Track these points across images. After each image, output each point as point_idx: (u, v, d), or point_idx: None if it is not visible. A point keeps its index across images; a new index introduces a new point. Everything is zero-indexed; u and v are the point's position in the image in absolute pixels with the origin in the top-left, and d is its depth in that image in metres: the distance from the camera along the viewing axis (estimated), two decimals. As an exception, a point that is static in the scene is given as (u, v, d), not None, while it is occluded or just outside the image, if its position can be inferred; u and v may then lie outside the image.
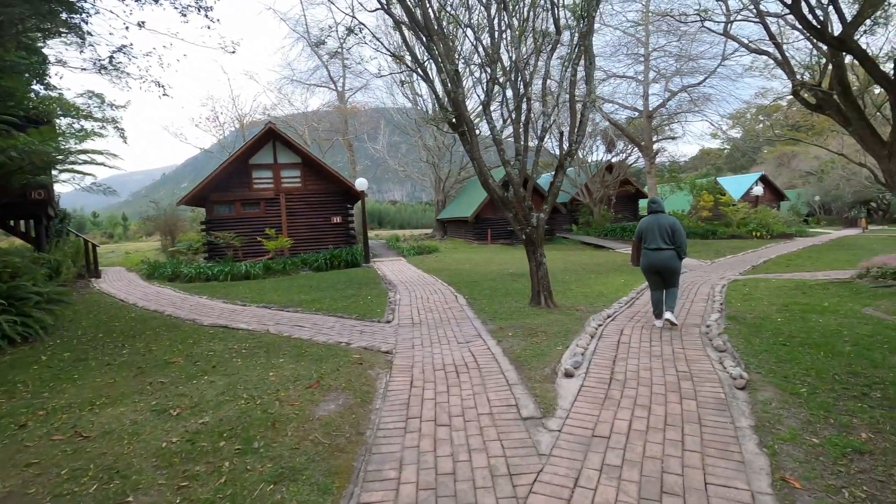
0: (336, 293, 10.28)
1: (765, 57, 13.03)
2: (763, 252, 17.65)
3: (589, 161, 29.00)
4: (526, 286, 9.72)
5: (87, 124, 12.78)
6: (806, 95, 11.09)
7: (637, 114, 20.90)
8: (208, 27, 7.06)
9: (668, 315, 5.88)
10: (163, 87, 7.69)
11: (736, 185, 35.88)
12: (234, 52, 7.49)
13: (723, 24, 12.33)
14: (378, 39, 8.59)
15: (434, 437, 3.29)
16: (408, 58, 7.94)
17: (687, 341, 5.38)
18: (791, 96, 24.82)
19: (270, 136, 17.31)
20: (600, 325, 6.18)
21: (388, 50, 8.30)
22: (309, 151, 18.06)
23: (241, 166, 17.21)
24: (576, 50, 7.13)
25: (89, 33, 6.92)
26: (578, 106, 7.28)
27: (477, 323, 6.79)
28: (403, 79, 8.54)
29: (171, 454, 3.09)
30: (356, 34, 8.04)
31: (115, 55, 7.35)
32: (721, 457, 2.90)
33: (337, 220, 18.03)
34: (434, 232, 32.56)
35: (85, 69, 7.47)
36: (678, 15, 12.09)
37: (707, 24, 12.71)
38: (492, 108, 7.84)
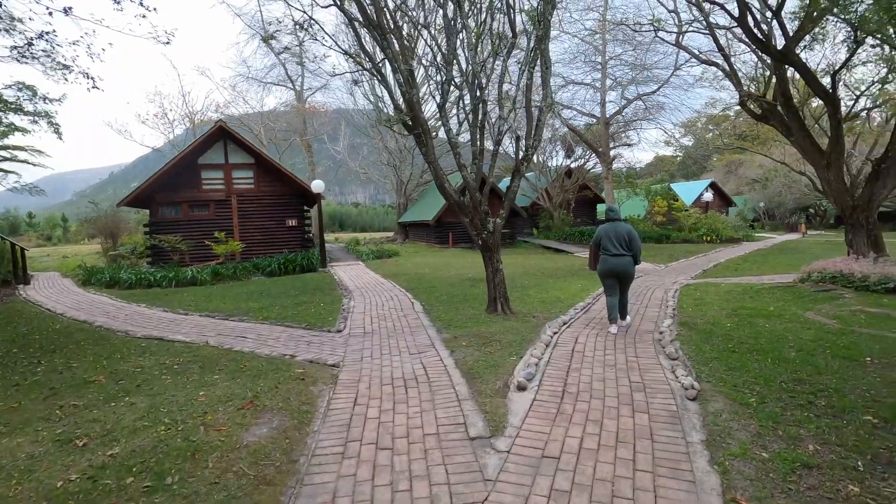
0: (288, 300, 9.82)
1: (714, 68, 13.49)
2: (713, 256, 18.28)
3: (549, 166, 29.41)
4: (485, 292, 9.58)
5: (17, 118, 11.76)
6: (752, 106, 11.51)
7: (595, 120, 21.32)
8: (143, 16, 6.53)
9: (622, 323, 6.38)
10: (92, 78, 7.06)
11: (688, 191, 37.34)
12: (168, 43, 6.97)
13: (675, 35, 12.67)
14: (332, 37, 8.24)
15: (374, 464, 3.03)
16: (363, 57, 7.65)
17: (640, 349, 5.33)
18: (738, 107, 26.03)
19: (221, 135, 16.53)
20: (556, 333, 6.08)
21: (340, 48, 7.98)
22: (263, 151, 17.38)
23: (189, 166, 16.34)
24: (532, 54, 7.05)
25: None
26: (535, 110, 7.19)
27: (431, 331, 6.56)
28: (357, 78, 8.22)
29: (65, 496, 2.69)
30: (307, 30, 7.68)
31: (35, 42, 6.67)
32: (672, 476, 2.78)
33: (292, 222, 17.41)
34: (395, 235, 32.16)
35: (1, 58, 6.75)
36: (633, 24, 12.34)
37: (661, 34, 13.04)
38: (448, 110, 7.65)
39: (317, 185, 14.91)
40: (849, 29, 7.96)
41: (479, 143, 7.27)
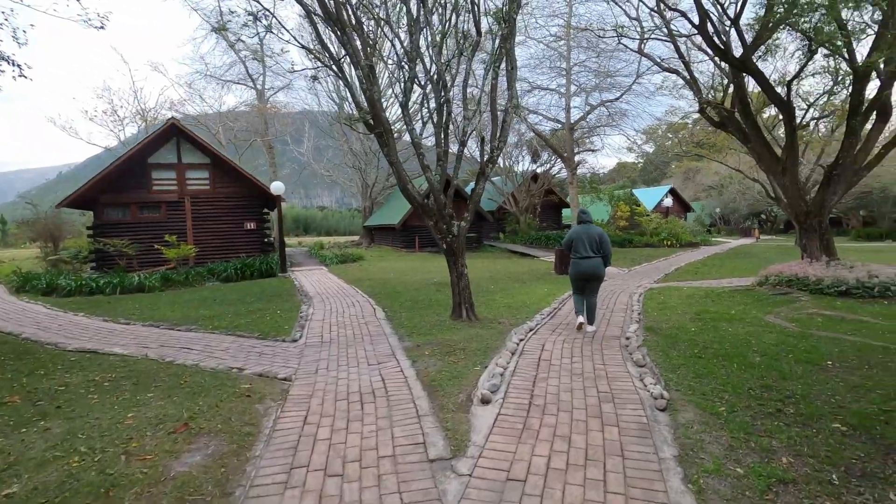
0: (242, 307, 9.27)
1: (675, 77, 13.75)
2: (674, 260, 18.69)
3: (515, 171, 29.58)
4: (450, 297, 9.34)
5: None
6: (711, 113, 11.76)
7: (560, 126, 21.54)
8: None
9: (589, 329, 6.35)
10: (19, 66, 6.37)
11: (649, 197, 38.37)
12: (101, 27, 6.39)
13: (637, 43, 12.85)
14: (290, 31, 7.84)
15: (320, 494, 2.69)
16: (322, 52, 7.29)
17: (608, 356, 5.19)
18: (697, 114, 26.84)
19: (174, 133, 15.69)
20: (522, 340, 5.88)
21: (298, 42, 7.58)
22: (219, 151, 16.60)
23: (138, 165, 15.41)
24: (497, 53, 6.87)
25: None
26: (501, 112, 7.01)
27: (393, 340, 6.24)
28: (316, 74, 7.83)
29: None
30: (261, 21, 7.25)
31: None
32: (645, 498, 2.57)
33: (251, 225, 16.70)
34: (361, 239, 31.57)
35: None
36: (597, 30, 12.43)
37: (624, 41, 13.20)
38: (412, 110, 7.39)
39: (276, 187, 14.32)
40: (803, 39, 8.17)
41: (443, 144, 7.02)
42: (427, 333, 6.49)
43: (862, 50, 8.60)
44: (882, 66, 8.18)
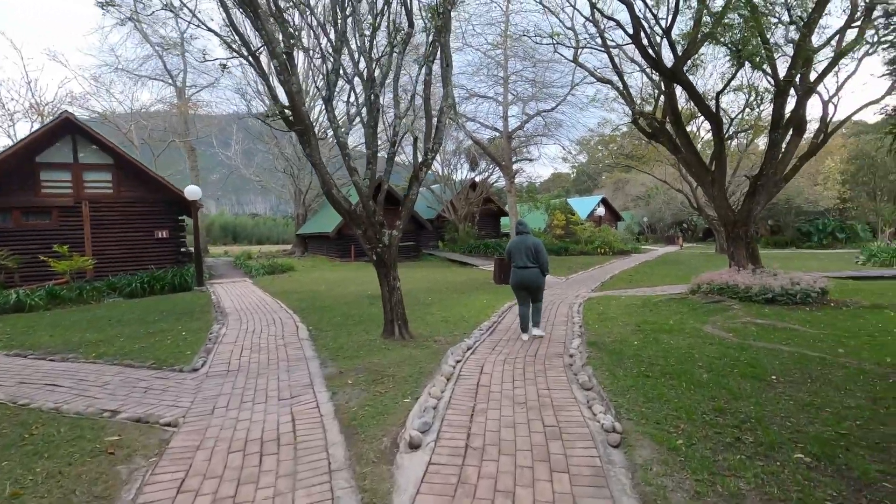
0: (142, 328, 8.03)
1: (606, 89, 13.94)
2: (608, 268, 19.07)
3: (454, 179, 29.37)
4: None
5: None
6: (643, 124, 11.93)
7: (498, 134, 21.52)
8: None
9: (535, 331, 6.48)
10: None
11: (582, 206, 39.66)
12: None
13: (573, 52, 12.88)
14: (194, 13, 6.87)
15: None
16: (235, 39, 6.40)
17: (552, 377, 4.73)
18: (627, 128, 27.93)
19: (69, 129, 13.80)
20: (459, 362, 5.30)
21: (205, 25, 6.64)
22: (124, 151, 14.83)
23: (23, 164, 13.37)
24: (430, 48, 6.33)
25: None
26: (435, 112, 6.46)
27: (314, 365, 5.45)
28: (226, 63, 6.89)
29: None
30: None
31: None
32: (609, 580, 2.04)
33: (162, 234, 15.04)
34: (294, 248, 29.93)
35: None
36: (534, 36, 12.33)
37: (560, 50, 13.21)
38: (344, 117, 6.67)
39: (191, 192, 12.92)
40: (730, 54, 8.35)
41: (372, 145, 6.36)
42: (354, 356, 5.75)
43: (783, 68, 8.95)
44: (798, 81, 8.53)
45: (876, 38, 8.01)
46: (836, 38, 8.56)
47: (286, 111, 5.96)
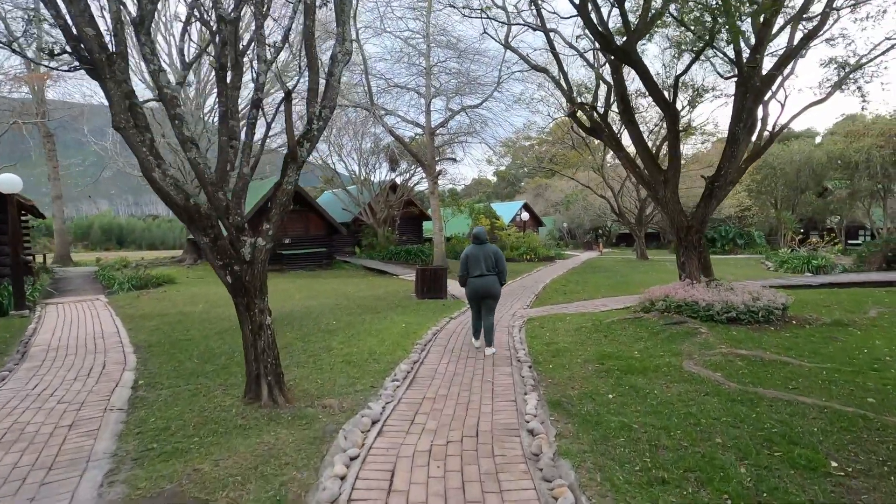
0: None
1: (532, 89, 12.54)
2: (537, 276, 17.86)
3: (372, 179, 27.04)
4: (279, 337, 6.34)
5: None
6: (582, 118, 10.60)
7: (420, 131, 19.66)
8: None
9: (488, 351, 6.05)
10: None
11: (505, 211, 38.98)
12: None
13: (505, 33, 11.30)
14: None
15: None
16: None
17: (508, 483, 2.80)
18: (550, 133, 27.38)
19: None
20: (356, 458, 3.20)
21: None
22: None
23: None
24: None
25: None
26: (325, 60, 4.32)
27: (92, 478, 3.07)
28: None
29: None
30: None
31: None
32: None
33: (-27, 239, 11.22)
34: (184, 255, 25.77)
35: None
36: (462, 7, 10.55)
37: (490, 33, 11.56)
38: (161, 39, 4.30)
39: (7, 182, 9.51)
40: (689, 32, 7.09)
41: (228, 101, 4.07)
42: (178, 451, 3.42)
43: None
44: (762, 70, 7.48)
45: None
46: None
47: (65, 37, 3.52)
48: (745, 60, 7.12)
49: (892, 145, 19.61)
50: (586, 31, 8.00)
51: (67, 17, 3.60)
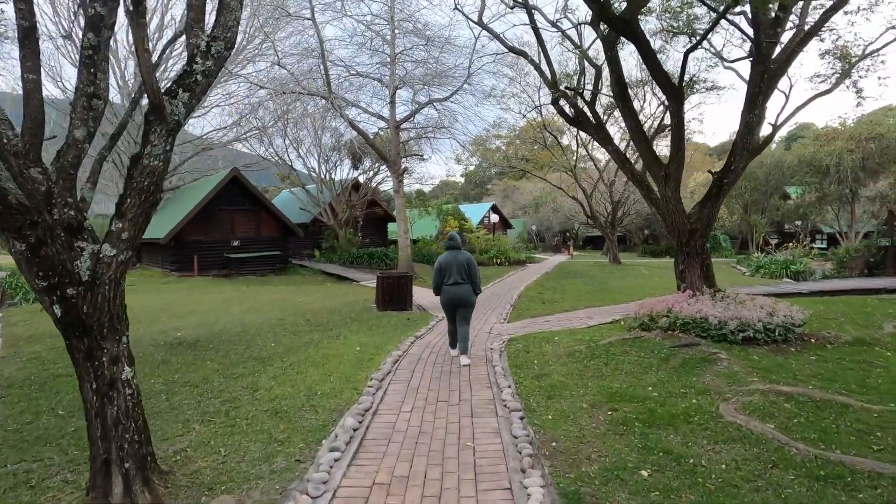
0: None
1: (503, 85, 11.28)
2: (510, 281, 16.66)
3: (333, 178, 25.23)
4: (193, 373, 4.75)
5: None
6: (566, 107, 9.38)
7: (384, 125, 18.10)
8: None
9: (463, 360, 5.79)
10: None
11: (474, 213, 37.81)
12: None
13: (479, 12, 9.96)
14: None
15: None
16: None
17: None
18: (517, 130, 26.29)
19: None
20: None
21: None
22: None
23: None
24: None
25: None
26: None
27: None
28: None
29: None
30: None
31: None
32: None
33: None
34: (121, 258, 23.18)
35: None
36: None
37: (460, 8, 10.21)
38: None
39: None
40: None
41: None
42: None
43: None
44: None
45: None
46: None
47: None
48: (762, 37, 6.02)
49: (861, 149, 19.48)
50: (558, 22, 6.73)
51: None
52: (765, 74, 6.26)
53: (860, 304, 10.23)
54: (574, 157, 24.62)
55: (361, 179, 26.19)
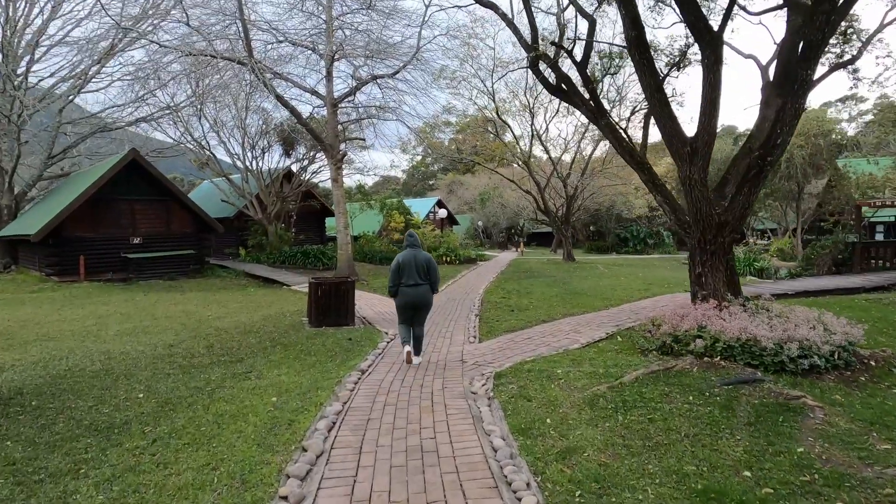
0: None
1: (455, 64, 9.31)
2: (464, 282, 14.78)
3: (261, 167, 22.14)
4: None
5: None
6: (547, 74, 7.57)
7: (321, 103, 15.55)
8: None
9: (416, 360, 5.69)
10: None
11: (419, 207, 35.70)
12: None
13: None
14: None
15: None
16: None
17: None
18: (471, 117, 24.48)
19: None
20: None
21: None
22: None
23: None
24: None
25: None
26: None
27: None
28: None
29: None
30: None
31: None
32: None
33: None
34: (-12, 259, 18.91)
35: None
36: None
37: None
38: None
39: None
40: None
41: None
42: None
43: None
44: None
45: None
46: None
47: None
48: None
49: (811, 146, 19.44)
50: None
51: None
52: (814, 16, 4.71)
53: (859, 306, 9.28)
54: (528, 147, 23.21)
55: (295, 168, 23.30)
